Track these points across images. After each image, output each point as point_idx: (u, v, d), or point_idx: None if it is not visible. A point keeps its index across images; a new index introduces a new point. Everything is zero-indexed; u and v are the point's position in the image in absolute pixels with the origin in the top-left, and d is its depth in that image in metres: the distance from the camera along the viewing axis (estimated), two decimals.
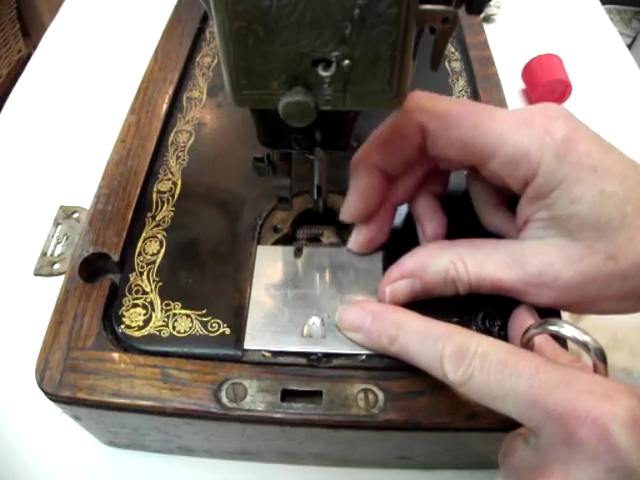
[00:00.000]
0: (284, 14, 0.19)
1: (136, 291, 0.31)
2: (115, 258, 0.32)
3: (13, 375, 0.36)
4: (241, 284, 0.31)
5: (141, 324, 0.29)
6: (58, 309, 0.30)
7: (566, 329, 0.23)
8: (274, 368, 0.28)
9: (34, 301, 0.39)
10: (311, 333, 0.29)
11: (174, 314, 0.30)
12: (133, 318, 0.30)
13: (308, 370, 0.28)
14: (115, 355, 0.28)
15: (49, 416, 0.35)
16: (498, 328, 0.29)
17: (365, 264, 0.31)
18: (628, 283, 0.25)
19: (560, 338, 0.26)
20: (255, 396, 0.27)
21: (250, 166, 0.28)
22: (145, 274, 0.31)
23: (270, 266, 0.31)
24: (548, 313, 0.27)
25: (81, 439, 0.34)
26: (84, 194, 0.40)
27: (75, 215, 0.43)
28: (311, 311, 0.29)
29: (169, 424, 0.28)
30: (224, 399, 0.27)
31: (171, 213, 0.34)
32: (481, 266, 0.27)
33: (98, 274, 0.32)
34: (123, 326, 0.29)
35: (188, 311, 0.30)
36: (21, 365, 0.36)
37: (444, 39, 0.21)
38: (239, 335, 0.29)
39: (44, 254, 0.41)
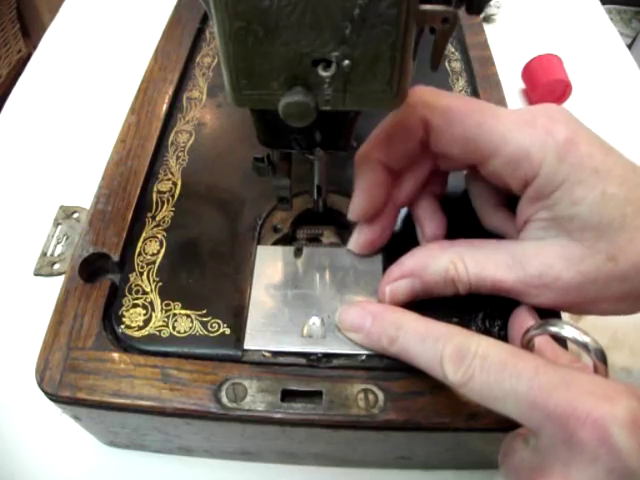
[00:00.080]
0: (284, 14, 0.19)
1: (136, 291, 0.31)
2: (115, 258, 0.32)
3: (13, 375, 0.36)
4: (241, 284, 0.31)
5: (141, 324, 0.29)
6: (58, 309, 0.30)
7: (566, 330, 0.23)
8: (274, 368, 0.28)
9: (34, 301, 0.39)
10: (311, 333, 0.29)
11: (174, 314, 0.30)
12: (133, 318, 0.30)
13: (308, 370, 0.28)
14: (115, 355, 0.28)
15: (49, 416, 0.35)
16: (498, 328, 0.29)
17: (365, 264, 0.31)
18: (627, 284, 0.25)
19: (560, 339, 0.26)
20: (255, 396, 0.27)
21: (250, 166, 0.28)
22: (145, 274, 0.31)
23: (270, 266, 0.31)
24: (548, 314, 0.27)
25: (81, 439, 0.34)
26: (84, 194, 0.40)
27: (75, 215, 0.43)
28: (311, 311, 0.29)
29: (169, 424, 0.28)
30: (224, 399, 0.27)
31: (171, 213, 0.34)
32: (481, 266, 0.27)
33: (98, 274, 0.32)
34: (123, 326, 0.29)
35: (188, 311, 0.30)
36: (21, 365, 0.36)
37: (444, 39, 0.21)
38: (239, 335, 0.29)
39: (44, 254, 0.41)
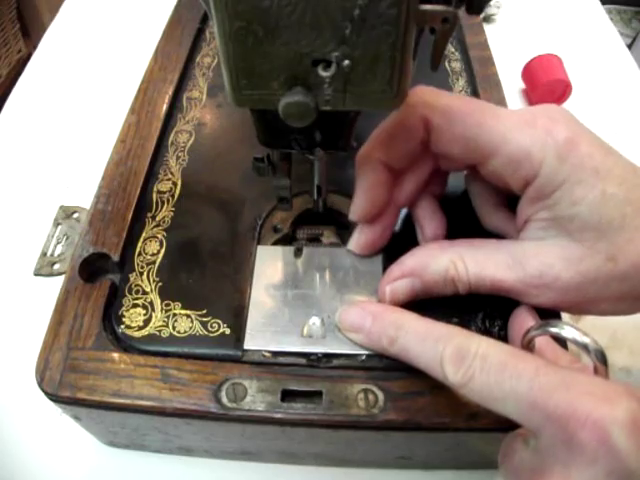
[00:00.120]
0: (284, 14, 0.19)
1: (136, 291, 0.31)
2: (115, 258, 0.32)
3: (13, 375, 0.36)
4: (241, 284, 0.31)
5: (141, 324, 0.29)
6: (58, 309, 0.30)
7: (566, 331, 0.23)
8: (274, 368, 0.28)
9: (34, 301, 0.39)
10: (311, 333, 0.29)
11: (174, 314, 0.30)
12: (133, 318, 0.30)
13: (308, 370, 0.28)
14: (115, 355, 0.28)
15: (49, 416, 0.35)
16: (498, 328, 0.29)
17: (365, 264, 0.31)
18: (627, 284, 0.25)
19: (560, 340, 0.26)
20: (255, 396, 0.27)
21: (250, 166, 0.28)
22: (145, 274, 0.31)
23: (270, 266, 0.31)
24: (548, 314, 0.27)
25: (81, 439, 0.34)
26: (84, 194, 0.40)
27: (75, 215, 0.43)
28: (311, 311, 0.29)
29: (169, 424, 0.28)
30: (224, 399, 0.27)
31: (171, 213, 0.34)
32: (481, 266, 0.27)
33: (98, 274, 0.32)
34: (123, 326, 0.29)
35: (188, 311, 0.30)
36: (21, 365, 0.36)
37: (444, 39, 0.21)
38: (239, 335, 0.29)
39: (44, 254, 0.41)
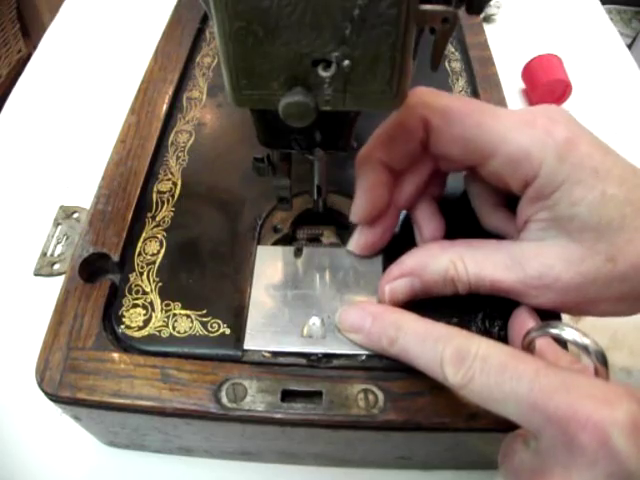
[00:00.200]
0: (284, 14, 0.19)
1: (136, 291, 0.31)
2: (115, 258, 0.32)
3: (13, 375, 0.36)
4: (241, 284, 0.31)
5: (141, 324, 0.29)
6: (58, 309, 0.30)
7: (567, 332, 0.23)
8: (274, 368, 0.28)
9: (34, 301, 0.39)
10: (311, 333, 0.29)
11: (174, 314, 0.30)
12: (133, 318, 0.30)
13: (308, 370, 0.28)
14: (115, 355, 0.28)
15: (49, 416, 0.35)
16: (498, 329, 0.29)
17: (365, 264, 0.31)
18: (627, 285, 0.25)
19: (561, 341, 0.26)
20: (255, 396, 0.27)
21: (250, 166, 0.28)
22: (145, 274, 0.31)
23: (270, 266, 0.31)
24: (547, 315, 0.27)
25: (81, 439, 0.34)
26: (84, 194, 0.40)
27: (75, 215, 0.43)
28: (311, 311, 0.29)
29: (169, 424, 0.28)
30: (224, 399, 0.27)
31: (171, 213, 0.34)
32: (481, 266, 0.27)
33: (98, 274, 0.32)
34: (123, 326, 0.29)
35: (188, 311, 0.30)
36: (21, 365, 0.36)
37: (444, 39, 0.21)
38: (239, 335, 0.29)
39: (44, 254, 0.41)
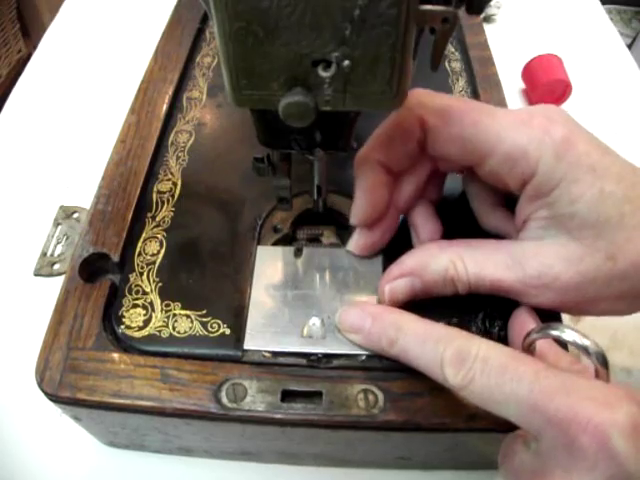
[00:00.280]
0: (284, 14, 0.19)
1: (136, 291, 0.31)
2: (115, 258, 0.32)
3: (13, 375, 0.36)
4: (241, 284, 0.31)
5: (141, 324, 0.29)
6: (58, 309, 0.30)
7: (567, 334, 0.23)
8: (274, 368, 0.28)
9: (34, 301, 0.39)
10: (311, 334, 0.29)
11: (174, 314, 0.30)
12: (133, 318, 0.30)
13: (308, 371, 0.28)
14: (115, 355, 0.28)
15: (49, 416, 0.35)
16: (498, 329, 0.29)
17: (365, 265, 0.31)
18: (626, 283, 0.25)
19: (561, 342, 0.26)
20: (255, 396, 0.27)
21: (250, 166, 0.28)
22: (145, 274, 0.31)
23: (270, 266, 0.31)
24: (547, 314, 0.27)
25: (81, 439, 0.34)
26: (84, 194, 0.40)
27: (75, 215, 0.43)
28: (311, 312, 0.29)
29: (169, 424, 0.28)
30: (224, 399, 0.27)
31: (171, 213, 0.34)
32: (480, 266, 0.27)
33: (98, 274, 0.32)
34: (123, 326, 0.29)
35: (188, 311, 0.30)
36: (21, 365, 0.36)
37: (444, 39, 0.21)
38: (239, 335, 0.29)
39: (44, 254, 0.41)
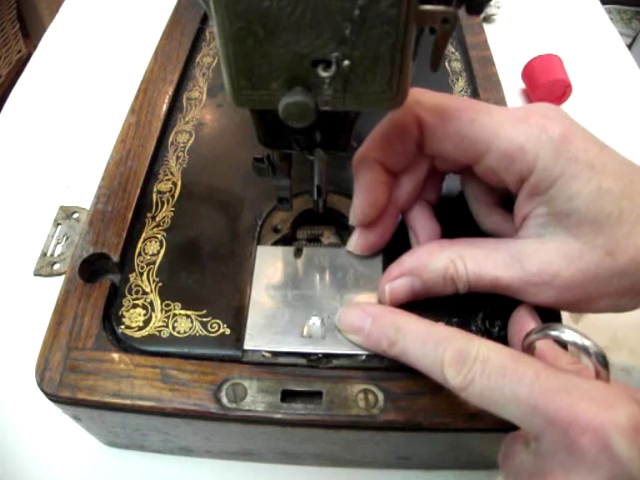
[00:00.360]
0: (284, 15, 0.19)
1: (136, 291, 0.31)
2: (115, 258, 0.32)
3: (13, 375, 0.36)
4: (241, 284, 0.31)
5: (141, 324, 0.29)
6: (58, 309, 0.30)
7: (567, 334, 0.23)
8: (274, 368, 0.28)
9: (34, 301, 0.39)
10: (311, 333, 0.29)
11: (174, 314, 0.30)
12: (133, 318, 0.30)
13: (308, 370, 0.28)
14: (115, 355, 0.28)
15: (49, 416, 0.35)
16: (498, 328, 0.29)
17: (365, 264, 0.31)
18: (626, 279, 0.25)
19: (561, 343, 0.26)
20: (255, 396, 0.27)
21: (250, 166, 0.28)
22: (145, 274, 0.31)
23: (270, 266, 0.31)
24: (547, 313, 0.27)
25: (81, 439, 0.34)
26: (84, 194, 0.40)
27: (75, 215, 0.43)
28: (311, 311, 0.29)
29: (169, 424, 0.28)
30: (224, 399, 0.27)
31: (171, 213, 0.34)
32: (480, 265, 0.27)
33: (98, 274, 0.32)
34: (123, 326, 0.29)
35: (188, 311, 0.30)
36: (21, 365, 0.36)
37: (444, 39, 0.21)
38: (239, 335, 0.29)
39: (44, 254, 0.41)
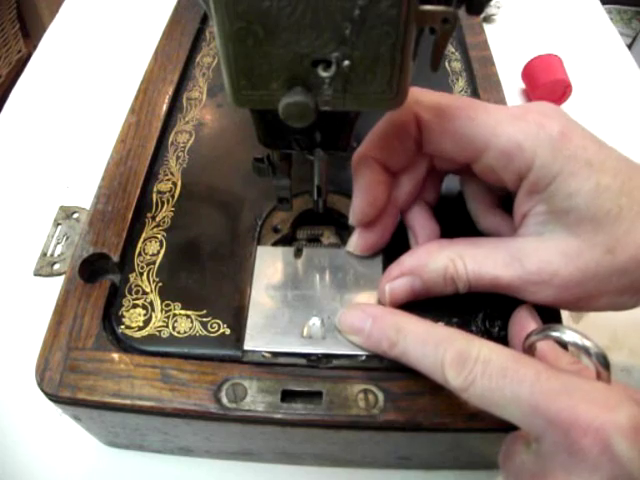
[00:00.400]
0: (284, 15, 0.19)
1: (136, 291, 0.31)
2: (115, 258, 0.32)
3: (13, 375, 0.36)
4: (241, 285, 0.31)
5: (141, 324, 0.29)
6: (58, 309, 0.30)
7: (568, 335, 0.23)
8: (274, 369, 0.28)
9: (34, 301, 0.39)
10: (311, 334, 0.29)
11: (174, 314, 0.30)
12: (133, 318, 0.30)
13: (308, 371, 0.28)
14: (115, 355, 0.28)
15: (49, 416, 0.35)
16: (498, 329, 0.29)
17: (365, 265, 0.31)
18: (626, 277, 0.25)
19: (562, 343, 0.26)
20: (255, 396, 0.27)
21: (250, 166, 0.28)
22: (145, 274, 0.31)
23: (270, 267, 0.31)
24: (547, 311, 0.27)
25: (81, 439, 0.34)
26: (84, 194, 0.40)
27: (75, 215, 0.43)
28: (311, 312, 0.29)
29: (169, 424, 0.28)
30: (224, 399, 0.27)
31: (171, 213, 0.34)
32: (480, 264, 0.27)
33: (98, 274, 0.32)
34: (123, 326, 0.29)
35: (188, 311, 0.30)
36: (21, 365, 0.36)
37: (444, 39, 0.21)
38: (239, 335, 0.29)
39: (44, 254, 0.41)
